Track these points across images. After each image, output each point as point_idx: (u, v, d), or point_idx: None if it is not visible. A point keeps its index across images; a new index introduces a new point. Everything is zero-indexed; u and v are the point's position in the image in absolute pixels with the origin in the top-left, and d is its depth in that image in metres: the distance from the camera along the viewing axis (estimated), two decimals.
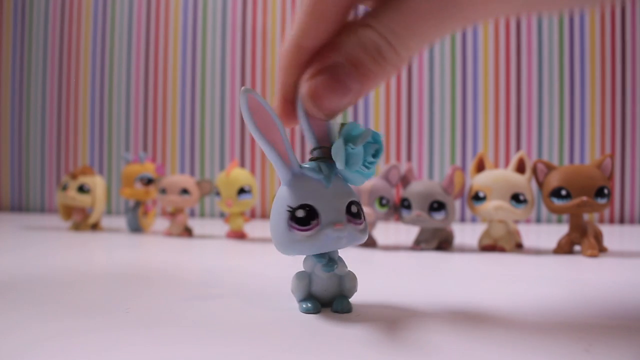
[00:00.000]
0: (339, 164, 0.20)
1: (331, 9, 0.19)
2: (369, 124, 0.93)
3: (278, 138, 0.21)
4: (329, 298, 0.22)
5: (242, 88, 0.20)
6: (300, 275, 0.22)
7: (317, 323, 0.20)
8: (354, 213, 0.21)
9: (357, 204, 0.21)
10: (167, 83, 0.99)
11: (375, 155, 0.21)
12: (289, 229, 0.20)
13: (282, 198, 0.21)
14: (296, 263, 0.23)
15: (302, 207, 0.20)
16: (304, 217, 0.20)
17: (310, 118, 0.21)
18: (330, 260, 0.21)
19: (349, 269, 0.22)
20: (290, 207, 0.20)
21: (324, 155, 0.21)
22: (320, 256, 0.21)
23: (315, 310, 0.21)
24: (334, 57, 0.19)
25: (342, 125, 0.21)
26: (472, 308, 0.23)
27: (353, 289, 0.22)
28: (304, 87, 0.20)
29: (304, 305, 0.22)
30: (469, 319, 0.21)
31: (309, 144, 0.22)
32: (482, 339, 0.18)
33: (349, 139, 0.20)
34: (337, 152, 0.20)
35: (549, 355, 0.16)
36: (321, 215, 0.20)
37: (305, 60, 0.20)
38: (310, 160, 0.22)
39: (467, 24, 0.19)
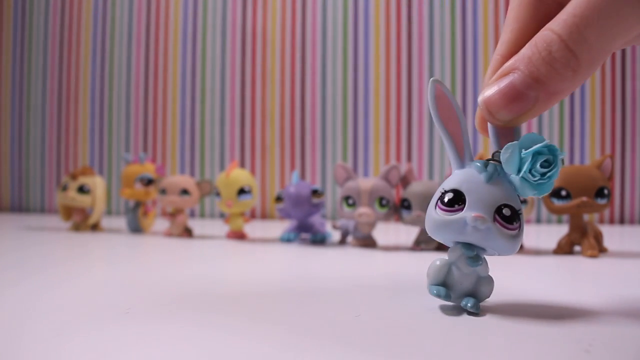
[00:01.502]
0: (504, 165, 0.20)
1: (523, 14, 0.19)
2: (368, 124, 0.93)
3: (457, 130, 0.22)
4: (460, 293, 0.22)
5: (432, 78, 0.21)
6: (441, 261, 0.22)
7: (316, 322, 0.20)
8: (504, 216, 0.20)
9: (513, 210, 0.21)
10: (167, 83, 0.99)
11: (546, 167, 0.20)
12: (436, 208, 0.21)
13: (444, 183, 0.22)
14: (296, 263, 0.23)
15: (452, 190, 0.21)
16: (450, 199, 0.21)
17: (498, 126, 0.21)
18: (477, 255, 0.21)
19: (488, 273, 0.22)
20: (443, 189, 0.21)
21: (499, 159, 0.21)
22: (468, 248, 0.21)
23: (444, 296, 0.22)
24: (512, 61, 0.19)
25: (527, 134, 0.21)
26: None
27: (486, 294, 0.22)
28: (480, 98, 0.20)
29: (434, 290, 0.22)
30: (468, 319, 0.21)
31: (493, 148, 0.22)
32: (482, 339, 0.18)
33: (523, 145, 0.20)
34: (505, 152, 0.20)
35: (549, 356, 0.16)
36: (467, 202, 0.20)
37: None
38: (488, 160, 0.22)
39: None
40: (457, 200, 0.21)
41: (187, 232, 0.57)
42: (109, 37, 1.01)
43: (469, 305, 0.21)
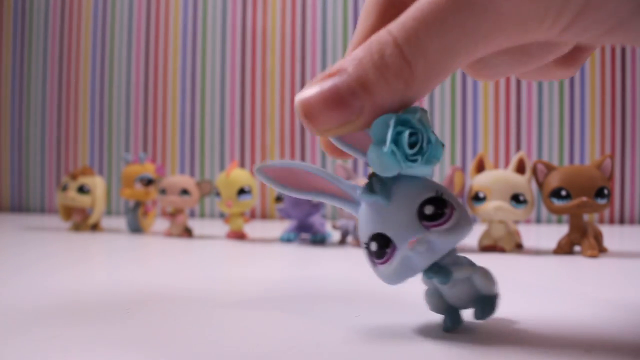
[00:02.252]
0: (382, 173, 0.17)
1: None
2: None
3: (322, 182, 0.19)
4: (467, 304, 0.19)
5: (256, 168, 0.19)
6: (428, 293, 0.20)
7: (316, 321, 0.20)
8: (428, 215, 0.17)
9: (433, 200, 0.17)
10: (167, 83, 0.99)
11: (414, 140, 0.17)
12: (375, 265, 0.18)
13: (360, 235, 0.19)
14: (295, 264, 0.23)
15: (372, 239, 0.18)
16: (377, 250, 0.18)
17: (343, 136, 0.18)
18: (439, 271, 0.18)
19: (475, 265, 0.19)
20: (364, 244, 0.18)
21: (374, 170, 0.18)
22: (428, 272, 0.18)
23: (453, 326, 0.19)
24: (343, 61, 0.16)
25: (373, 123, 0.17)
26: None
27: (490, 287, 0.19)
28: (297, 99, 0.16)
29: (445, 324, 0.19)
30: (468, 319, 0.21)
31: (362, 160, 0.19)
32: (482, 340, 0.18)
33: (380, 139, 0.17)
34: (372, 162, 0.17)
35: (549, 356, 0.16)
36: (393, 239, 0.17)
37: None
38: (369, 177, 0.18)
39: (504, 43, 0.15)
40: (383, 244, 0.18)
41: (187, 232, 0.57)
42: (109, 37, 1.01)
43: (478, 316, 0.19)
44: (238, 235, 0.54)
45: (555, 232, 0.62)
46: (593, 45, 0.16)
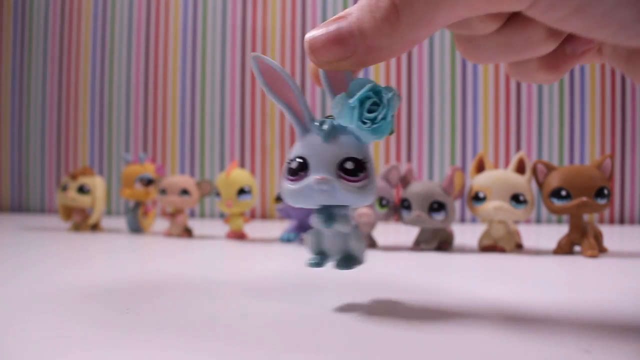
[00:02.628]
0: (336, 117, 0.20)
1: None
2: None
3: (291, 96, 0.22)
4: (336, 255, 0.22)
5: (252, 54, 0.21)
6: (312, 232, 0.23)
7: (317, 321, 0.20)
8: (347, 169, 0.20)
9: (358, 161, 0.20)
10: (167, 83, 0.99)
11: (375, 110, 0.20)
12: (285, 179, 0.22)
13: (291, 152, 0.22)
14: (293, 263, 0.23)
15: (295, 158, 0.21)
16: (295, 168, 0.21)
17: (329, 73, 0.21)
18: (329, 215, 0.21)
19: (357, 228, 0.22)
20: (289, 159, 0.21)
21: None
22: (319, 212, 0.21)
23: (315, 264, 0.22)
24: (351, 8, 0.19)
25: (354, 80, 0.20)
26: (471, 308, 0.23)
27: (359, 249, 0.22)
28: (308, 34, 0.20)
29: (310, 261, 0.22)
30: (469, 319, 0.21)
31: (330, 101, 0.22)
32: (482, 339, 0.18)
33: (350, 94, 0.20)
34: (335, 105, 0.20)
35: (549, 356, 0.16)
36: (310, 167, 0.21)
37: None
38: (326, 117, 0.22)
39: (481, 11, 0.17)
40: (301, 167, 0.21)
41: (187, 232, 0.57)
42: (109, 37, 1.01)
43: (338, 265, 0.22)
44: (238, 235, 0.55)
45: (555, 232, 0.62)
46: (559, 28, 0.18)
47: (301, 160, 0.21)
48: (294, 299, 0.24)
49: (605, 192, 0.41)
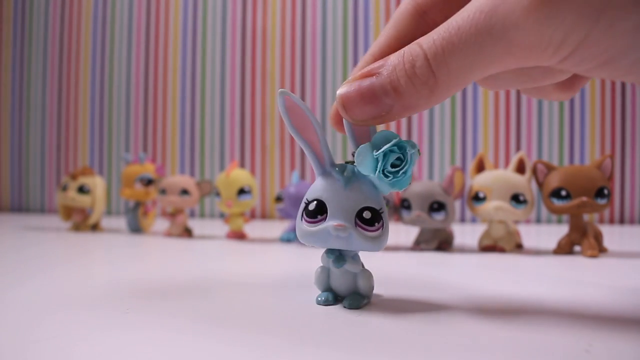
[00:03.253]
0: (359, 167, 0.21)
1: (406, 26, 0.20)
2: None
3: (314, 137, 0.22)
4: (344, 293, 0.23)
5: (279, 90, 0.21)
6: (320, 269, 0.23)
7: (317, 321, 0.20)
8: (364, 219, 0.21)
9: (375, 211, 0.21)
10: (167, 83, 0.99)
11: (398, 165, 0.20)
12: (302, 219, 0.22)
13: (308, 191, 0.22)
14: (293, 263, 0.23)
15: (314, 200, 0.22)
16: (313, 210, 0.21)
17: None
18: (339, 256, 0.22)
19: (364, 268, 0.23)
20: (307, 200, 0.22)
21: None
22: (330, 252, 0.22)
23: (324, 302, 0.23)
24: (378, 64, 0.19)
25: (379, 132, 0.21)
26: (471, 308, 0.23)
27: (367, 288, 0.23)
28: (338, 91, 0.20)
29: (318, 298, 0.23)
30: (469, 319, 0.21)
31: (351, 147, 0.22)
32: (482, 339, 0.18)
33: (375, 145, 0.20)
34: (359, 155, 0.21)
35: (549, 355, 0.16)
36: (329, 212, 0.21)
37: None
38: (346, 162, 0.22)
39: (518, 63, 0.18)
40: (319, 210, 0.21)
41: (187, 232, 0.57)
42: (109, 37, 1.01)
43: (347, 304, 0.22)
44: (238, 235, 0.55)
45: (555, 232, 0.62)
46: (588, 75, 0.19)
47: (320, 204, 0.21)
48: (294, 299, 0.24)
49: (605, 192, 0.41)
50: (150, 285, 0.28)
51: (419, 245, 0.46)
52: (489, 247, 0.45)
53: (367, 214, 0.21)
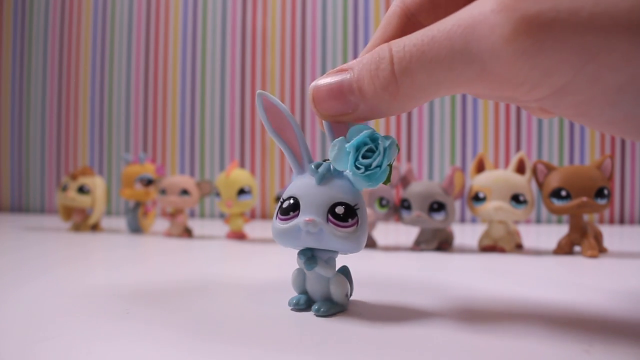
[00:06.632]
0: (332, 162, 0.20)
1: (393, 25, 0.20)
2: (368, 124, 0.93)
3: (292, 136, 0.22)
4: (318, 298, 0.22)
5: (258, 91, 0.21)
6: (297, 271, 0.23)
7: (310, 322, 0.20)
8: (337, 214, 0.20)
9: (348, 207, 0.20)
10: (167, 83, 0.99)
11: (370, 156, 0.20)
12: (276, 218, 0.21)
13: (285, 191, 0.22)
14: (292, 264, 0.23)
15: (288, 198, 0.21)
16: (286, 207, 0.21)
17: None
18: (311, 258, 0.21)
19: (337, 273, 0.22)
20: (282, 198, 0.21)
21: None
22: (302, 253, 0.21)
23: (296, 306, 0.22)
24: (351, 63, 0.19)
25: (354, 126, 0.20)
26: (471, 308, 0.23)
27: (340, 295, 0.22)
28: (311, 86, 0.20)
29: (292, 301, 0.22)
30: (469, 319, 0.21)
31: (329, 142, 0.22)
32: (482, 339, 0.18)
33: (349, 139, 0.20)
34: (332, 149, 0.20)
35: (549, 356, 0.16)
36: (301, 209, 0.21)
37: None
38: (324, 160, 0.22)
39: (483, 89, 0.17)
40: (292, 207, 0.21)
41: (187, 233, 0.57)
42: (109, 37, 1.01)
43: (315, 310, 0.21)
44: (238, 236, 0.54)
45: (555, 233, 0.62)
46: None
47: (293, 201, 0.21)
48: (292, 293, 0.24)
49: (605, 192, 0.41)
50: (150, 286, 0.28)
51: (419, 245, 0.46)
52: (489, 247, 0.45)
53: (339, 209, 0.20)
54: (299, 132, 0.22)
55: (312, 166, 0.21)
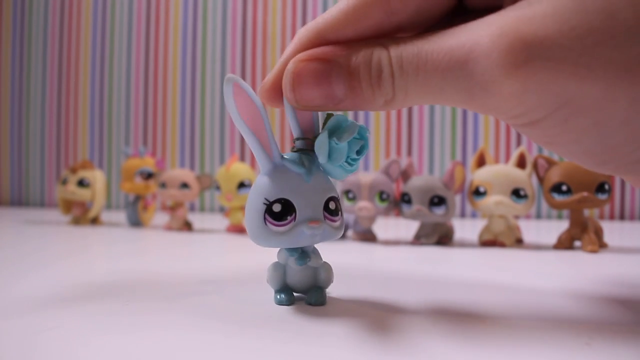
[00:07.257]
0: (322, 159, 0.20)
1: (371, 19, 0.18)
2: (369, 118, 0.93)
3: (260, 126, 0.20)
4: (304, 289, 0.22)
5: (227, 76, 0.19)
6: (274, 266, 0.22)
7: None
8: (331, 210, 0.20)
9: (336, 200, 0.21)
10: (168, 76, 0.99)
11: (360, 152, 0.20)
12: (265, 222, 0.20)
13: (260, 189, 0.20)
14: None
15: (279, 201, 0.20)
16: (279, 212, 0.20)
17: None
18: (302, 253, 0.21)
19: (323, 260, 0.22)
20: (267, 200, 0.20)
21: (306, 147, 0.21)
22: (292, 249, 0.21)
23: (287, 302, 0.21)
24: (340, 53, 0.18)
25: (329, 116, 0.20)
26: (471, 303, 0.23)
27: (329, 280, 0.22)
28: (290, 65, 0.18)
29: (277, 297, 0.22)
30: (469, 314, 0.21)
31: (293, 133, 0.21)
32: (482, 334, 0.18)
33: (333, 133, 0.19)
34: (321, 146, 0.19)
35: (550, 349, 0.16)
36: (298, 211, 0.20)
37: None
38: (292, 150, 0.21)
39: (478, 105, 0.17)
40: (286, 211, 0.19)
41: (187, 226, 0.57)
42: (109, 37, 1.01)
43: (312, 301, 0.21)
44: (238, 229, 0.54)
45: (555, 227, 0.62)
46: None
47: (286, 203, 0.20)
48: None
49: (606, 187, 0.41)
50: (150, 279, 0.28)
51: (419, 239, 0.46)
52: (489, 241, 0.45)
53: (332, 205, 0.20)
54: (269, 126, 0.20)
55: (296, 162, 0.20)
